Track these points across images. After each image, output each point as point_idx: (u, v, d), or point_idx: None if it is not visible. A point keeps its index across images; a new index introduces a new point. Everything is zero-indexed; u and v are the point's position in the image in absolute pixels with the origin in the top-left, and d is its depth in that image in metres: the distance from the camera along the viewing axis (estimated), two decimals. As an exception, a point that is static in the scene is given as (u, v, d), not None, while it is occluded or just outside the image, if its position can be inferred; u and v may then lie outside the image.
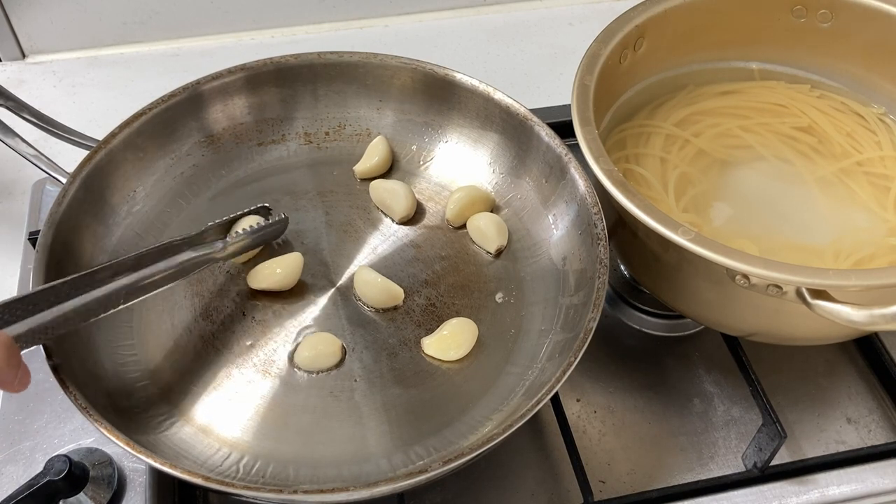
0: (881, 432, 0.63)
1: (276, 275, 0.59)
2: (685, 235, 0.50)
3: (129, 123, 0.61)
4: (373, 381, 0.56)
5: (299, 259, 0.60)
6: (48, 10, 0.86)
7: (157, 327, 0.58)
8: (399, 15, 0.95)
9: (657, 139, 0.65)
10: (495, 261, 0.63)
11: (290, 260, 0.60)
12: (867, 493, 0.59)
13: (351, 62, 0.67)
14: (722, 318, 0.59)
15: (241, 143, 0.67)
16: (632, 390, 0.64)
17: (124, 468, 0.56)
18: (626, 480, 0.60)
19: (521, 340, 0.58)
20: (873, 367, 0.66)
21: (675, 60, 0.68)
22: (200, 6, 0.89)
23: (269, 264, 0.60)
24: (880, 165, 0.64)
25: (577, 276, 0.58)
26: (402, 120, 0.68)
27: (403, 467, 0.52)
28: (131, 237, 0.61)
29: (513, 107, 0.63)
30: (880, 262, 0.58)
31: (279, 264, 0.60)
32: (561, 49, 0.92)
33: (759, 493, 0.58)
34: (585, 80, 0.59)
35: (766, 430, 0.57)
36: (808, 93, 0.69)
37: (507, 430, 0.47)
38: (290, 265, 0.60)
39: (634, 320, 0.68)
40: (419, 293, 0.61)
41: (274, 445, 0.53)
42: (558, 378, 0.49)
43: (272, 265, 0.60)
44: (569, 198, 0.60)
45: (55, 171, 0.59)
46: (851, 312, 0.47)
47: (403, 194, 0.64)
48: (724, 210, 0.61)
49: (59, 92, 0.87)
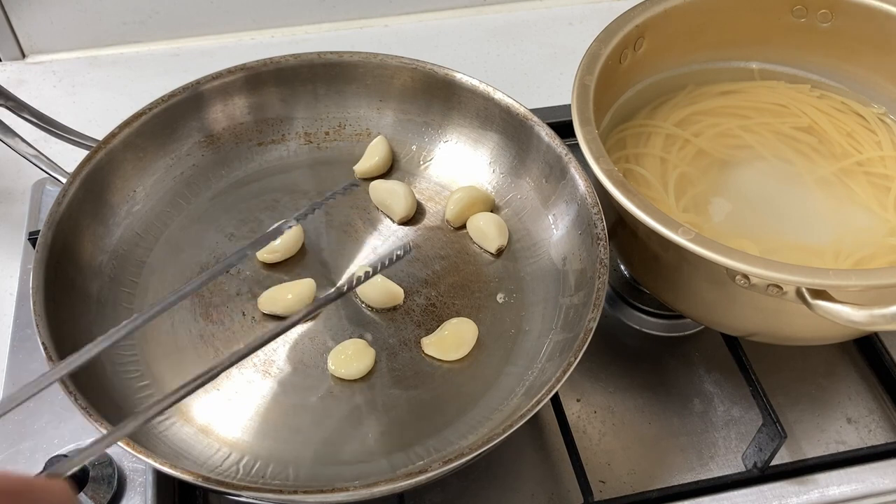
0: (881, 432, 0.63)
1: (287, 300, 0.59)
2: (685, 235, 0.50)
3: (129, 123, 0.61)
4: (373, 381, 0.56)
5: (311, 286, 0.60)
6: (48, 10, 0.86)
7: (157, 327, 0.58)
8: (399, 15, 0.95)
9: (657, 139, 0.65)
10: (495, 261, 0.63)
11: (303, 287, 0.59)
12: (867, 493, 0.59)
13: (351, 62, 0.67)
14: (722, 318, 0.59)
15: (241, 143, 0.67)
16: (632, 390, 0.64)
17: (124, 468, 0.56)
18: (626, 480, 0.60)
19: (521, 340, 0.58)
20: (873, 367, 0.66)
21: (675, 60, 0.68)
22: (200, 6, 0.89)
23: (281, 290, 0.59)
24: (880, 165, 0.64)
25: (577, 276, 0.58)
26: (402, 120, 0.68)
27: (403, 467, 0.52)
28: (131, 237, 0.61)
29: (513, 107, 0.63)
30: (880, 262, 0.58)
31: (291, 290, 0.59)
32: (561, 49, 0.92)
33: (759, 493, 0.58)
34: (585, 80, 0.59)
35: (766, 430, 0.57)
36: (809, 93, 0.69)
37: (507, 430, 0.47)
38: (302, 292, 0.59)
39: (634, 320, 0.68)
40: (419, 293, 0.61)
41: (274, 445, 0.53)
42: (558, 378, 0.49)
43: (284, 291, 0.59)
44: (569, 198, 0.60)
45: (55, 171, 0.59)
46: (851, 312, 0.47)
47: (403, 194, 0.64)
48: (724, 210, 0.61)
49: (59, 92, 0.87)
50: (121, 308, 0.58)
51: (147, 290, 0.60)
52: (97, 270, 0.58)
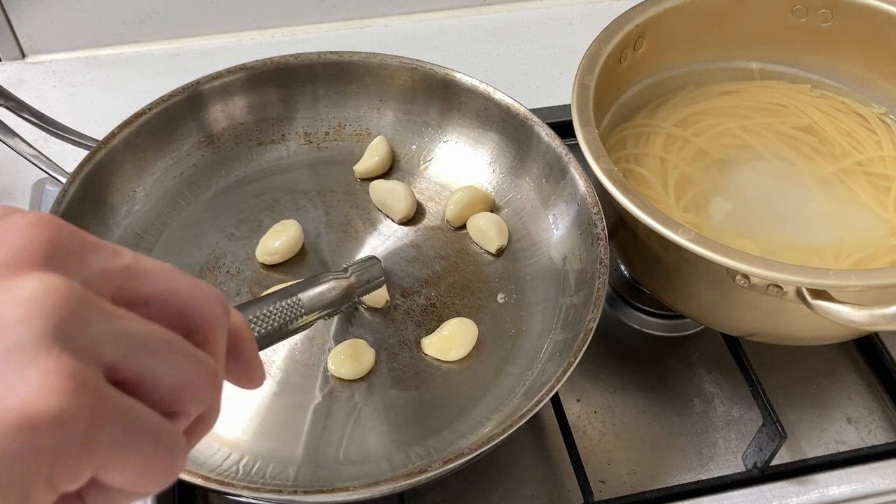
0: (881, 432, 0.63)
1: None
2: (685, 235, 0.50)
3: (129, 123, 0.61)
4: (372, 381, 0.56)
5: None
6: (48, 10, 0.86)
7: (157, 327, 0.58)
8: (399, 15, 0.95)
9: (657, 139, 0.65)
10: (495, 261, 0.63)
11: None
12: (867, 493, 0.59)
13: (351, 62, 0.67)
14: (722, 318, 0.59)
15: (241, 143, 0.67)
16: (632, 390, 0.64)
17: (124, 468, 0.56)
18: (626, 480, 0.59)
19: (521, 340, 0.58)
20: (873, 367, 0.66)
21: (675, 60, 0.68)
22: (200, 6, 0.89)
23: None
24: (880, 165, 0.64)
25: (577, 276, 0.58)
26: (402, 120, 0.68)
27: (403, 467, 0.52)
28: (131, 237, 0.61)
29: (513, 107, 0.63)
30: (880, 262, 0.58)
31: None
32: (561, 49, 0.92)
33: (759, 493, 0.58)
34: (585, 79, 0.59)
35: (766, 430, 0.57)
36: (809, 93, 0.69)
37: (507, 430, 0.47)
38: None
39: (634, 320, 0.68)
40: (419, 293, 0.61)
41: (274, 445, 0.53)
42: (558, 378, 0.49)
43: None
44: (569, 198, 0.60)
45: (55, 171, 0.59)
46: (851, 312, 0.47)
47: (403, 194, 0.64)
48: (725, 210, 0.61)
49: (59, 92, 0.87)
50: (121, 308, 0.58)
51: (147, 290, 0.60)
52: (97, 270, 0.58)
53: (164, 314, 0.27)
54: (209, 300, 0.29)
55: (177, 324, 0.28)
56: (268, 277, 0.61)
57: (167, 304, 0.28)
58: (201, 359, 0.27)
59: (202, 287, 0.29)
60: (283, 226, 0.62)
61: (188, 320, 0.28)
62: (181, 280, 0.28)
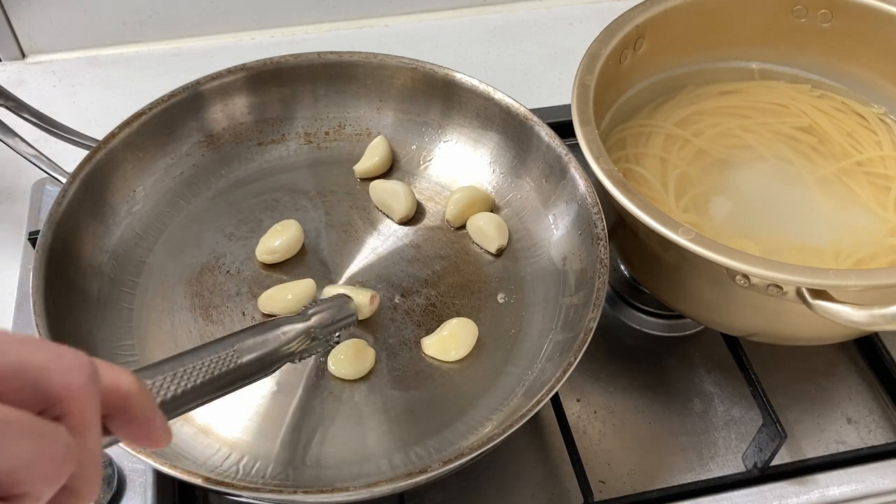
0: (881, 432, 0.63)
1: (286, 300, 0.59)
2: (685, 235, 0.50)
3: (129, 123, 0.61)
4: (372, 381, 0.56)
5: (311, 286, 0.59)
6: (48, 10, 0.86)
7: (157, 327, 0.58)
8: (399, 15, 0.95)
9: (657, 139, 0.65)
10: (495, 261, 0.63)
11: (303, 287, 0.59)
12: (867, 493, 0.59)
13: (351, 62, 0.67)
14: (722, 318, 0.59)
15: (241, 143, 0.67)
16: (632, 390, 0.64)
17: (124, 468, 0.56)
18: (626, 480, 0.59)
19: (521, 340, 0.58)
20: (873, 367, 0.66)
21: (675, 60, 0.68)
22: (200, 6, 0.89)
23: (281, 290, 0.59)
24: (881, 165, 0.64)
25: (577, 276, 0.58)
26: (402, 120, 0.68)
27: (403, 467, 0.52)
28: (131, 237, 0.61)
29: (513, 107, 0.63)
30: (880, 262, 0.58)
31: (291, 290, 0.59)
32: (561, 49, 0.92)
33: (759, 493, 0.58)
34: (585, 80, 0.59)
35: (766, 430, 0.57)
36: (809, 93, 0.69)
37: (507, 431, 0.47)
38: (302, 292, 0.59)
39: (634, 320, 0.68)
40: (419, 293, 0.61)
41: (274, 445, 0.53)
42: (558, 378, 0.49)
43: (284, 291, 0.59)
44: (569, 198, 0.60)
45: (55, 171, 0.59)
46: (851, 312, 0.47)
47: (403, 194, 0.64)
48: (725, 210, 0.61)
49: (59, 92, 0.87)
50: (121, 308, 0.58)
51: (147, 290, 0.60)
52: (97, 270, 0.58)
53: (16, 389, 0.27)
54: (68, 370, 0.28)
55: (31, 398, 0.27)
56: (268, 277, 0.61)
57: (18, 380, 0.27)
58: (48, 434, 0.26)
59: (63, 356, 0.28)
60: (283, 226, 0.62)
61: (44, 394, 0.27)
62: (36, 352, 0.28)
